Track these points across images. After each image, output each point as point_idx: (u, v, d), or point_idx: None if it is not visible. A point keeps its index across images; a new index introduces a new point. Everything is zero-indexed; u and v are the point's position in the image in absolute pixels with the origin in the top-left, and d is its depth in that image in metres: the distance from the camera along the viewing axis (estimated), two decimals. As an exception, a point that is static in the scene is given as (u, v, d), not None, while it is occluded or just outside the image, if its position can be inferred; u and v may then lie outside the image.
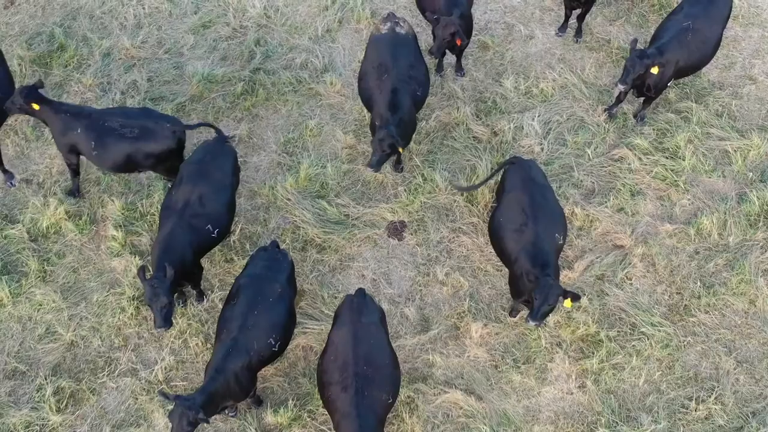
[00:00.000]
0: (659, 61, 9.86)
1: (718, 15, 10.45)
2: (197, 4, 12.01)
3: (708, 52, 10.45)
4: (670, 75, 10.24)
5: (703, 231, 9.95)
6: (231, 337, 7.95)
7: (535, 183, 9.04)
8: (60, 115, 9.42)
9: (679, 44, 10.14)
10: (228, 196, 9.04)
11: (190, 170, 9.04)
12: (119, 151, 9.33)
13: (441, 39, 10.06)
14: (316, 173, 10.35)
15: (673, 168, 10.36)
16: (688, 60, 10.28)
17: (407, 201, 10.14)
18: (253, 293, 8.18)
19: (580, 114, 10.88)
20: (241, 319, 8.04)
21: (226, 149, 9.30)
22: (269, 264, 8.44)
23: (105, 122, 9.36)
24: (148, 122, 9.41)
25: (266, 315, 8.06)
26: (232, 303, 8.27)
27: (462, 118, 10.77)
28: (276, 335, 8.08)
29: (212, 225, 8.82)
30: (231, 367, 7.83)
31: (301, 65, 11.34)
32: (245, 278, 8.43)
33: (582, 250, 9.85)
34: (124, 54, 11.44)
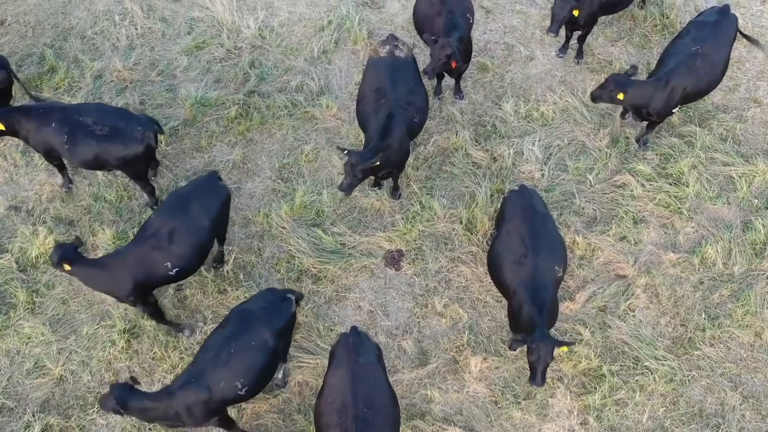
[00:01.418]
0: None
1: (725, 38, 10.20)
2: (191, 24, 11.79)
3: (717, 77, 10.19)
4: (676, 101, 9.98)
5: (707, 260, 9.72)
6: (198, 367, 7.74)
7: (535, 212, 8.81)
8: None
9: (687, 70, 9.85)
10: (201, 238, 8.63)
11: (173, 201, 8.76)
12: (89, 148, 9.19)
13: (436, 59, 9.83)
14: (312, 200, 10.12)
15: (676, 195, 10.14)
16: (697, 86, 10.00)
17: (405, 229, 9.91)
18: (239, 330, 7.92)
19: (581, 138, 10.66)
20: (215, 351, 7.79)
21: (219, 188, 8.99)
22: (269, 307, 8.12)
23: (78, 118, 9.23)
24: (120, 122, 9.23)
25: (243, 357, 7.76)
26: (219, 330, 8.05)
27: (461, 143, 10.54)
28: (245, 381, 7.78)
29: (172, 263, 8.52)
30: (184, 396, 7.60)
31: (297, 88, 11.11)
32: (239, 310, 8.19)
33: (584, 280, 9.62)
34: (116, 76, 11.22)
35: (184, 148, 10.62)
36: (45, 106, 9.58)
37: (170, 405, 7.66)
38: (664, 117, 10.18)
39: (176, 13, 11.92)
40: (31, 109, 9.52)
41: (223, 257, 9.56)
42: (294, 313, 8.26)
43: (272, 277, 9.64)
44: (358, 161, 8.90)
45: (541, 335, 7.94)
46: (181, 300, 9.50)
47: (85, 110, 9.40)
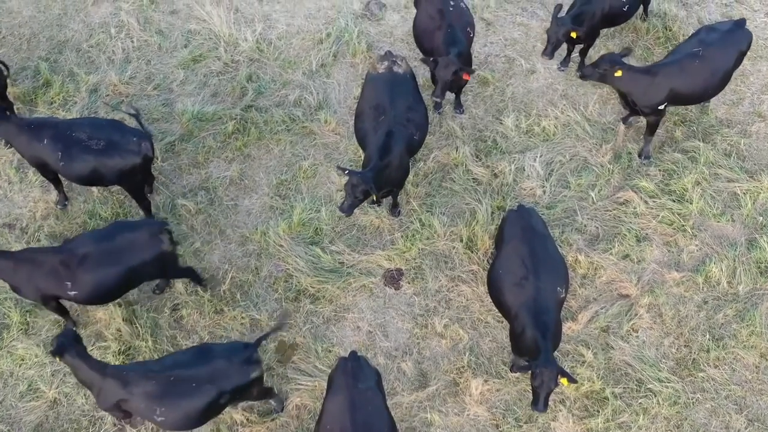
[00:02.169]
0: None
1: (733, 47, 10.05)
2: (187, 37, 11.63)
3: (716, 84, 10.06)
4: (662, 97, 9.86)
5: (711, 279, 9.58)
6: (141, 368, 7.79)
7: (535, 232, 8.67)
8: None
9: (680, 69, 9.80)
10: (106, 278, 8.41)
11: (112, 229, 8.67)
12: (85, 163, 9.09)
13: (444, 81, 9.67)
14: (310, 218, 9.98)
15: (680, 212, 9.99)
16: (689, 87, 9.89)
17: (404, 248, 9.76)
18: (191, 364, 7.74)
19: (583, 154, 10.51)
20: (163, 367, 7.73)
21: (153, 242, 8.57)
22: (231, 361, 7.77)
23: (72, 133, 9.16)
24: (115, 135, 9.15)
25: (175, 389, 7.61)
26: (182, 352, 8.04)
27: (461, 159, 10.39)
28: (165, 411, 7.62)
29: (72, 285, 8.41)
30: (109, 382, 7.68)
31: (295, 102, 10.96)
32: (206, 348, 7.97)
33: (586, 299, 9.47)
34: (111, 90, 11.07)
35: (181, 164, 10.47)
36: (38, 121, 9.44)
37: (95, 378, 7.72)
38: (651, 113, 10.02)
39: (173, 25, 11.77)
40: (23, 122, 9.39)
41: (201, 281, 9.38)
42: (255, 379, 7.91)
43: (270, 296, 9.50)
44: (359, 182, 8.75)
45: (545, 360, 7.80)
46: (177, 320, 9.36)
47: (78, 125, 9.28)
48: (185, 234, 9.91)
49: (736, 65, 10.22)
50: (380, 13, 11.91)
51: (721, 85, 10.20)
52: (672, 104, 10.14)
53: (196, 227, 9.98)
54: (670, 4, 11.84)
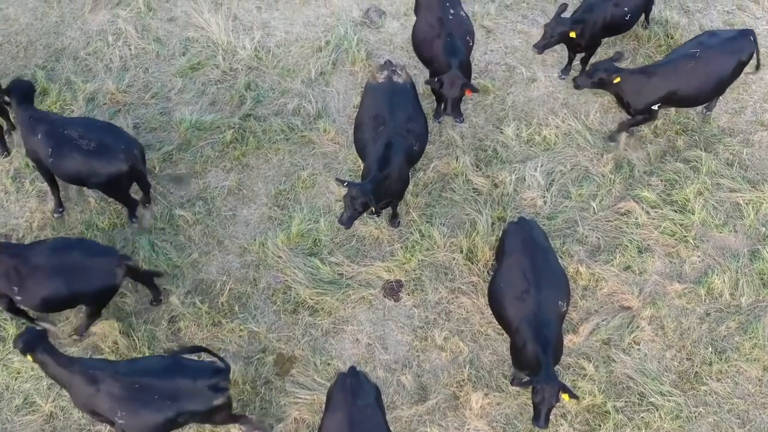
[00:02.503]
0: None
1: (734, 54, 10.00)
2: (186, 45, 11.54)
3: (710, 88, 10.04)
4: (656, 98, 9.89)
5: (713, 291, 9.50)
6: (112, 368, 7.79)
7: (536, 245, 8.59)
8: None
9: (674, 69, 9.84)
10: (49, 291, 8.39)
11: (71, 244, 8.65)
12: (73, 162, 9.14)
13: (453, 99, 9.62)
14: (309, 228, 9.89)
15: (681, 222, 9.90)
16: (682, 88, 9.90)
17: (404, 259, 9.67)
18: (159, 376, 7.72)
19: (584, 164, 10.42)
20: (133, 371, 7.74)
21: (107, 273, 8.52)
22: (196, 384, 7.70)
23: (65, 131, 9.19)
24: (107, 138, 9.18)
25: (138, 398, 7.62)
26: (157, 358, 8.09)
27: (461, 169, 10.31)
28: (125, 415, 7.62)
29: (18, 291, 8.46)
30: (77, 377, 7.74)
31: (294, 111, 10.87)
32: (179, 362, 7.94)
33: (587, 312, 9.39)
34: (109, 99, 10.98)
35: (179, 173, 10.38)
36: (37, 115, 9.50)
37: (64, 374, 7.77)
38: (644, 113, 10.04)
39: (171, 33, 11.68)
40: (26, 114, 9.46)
41: (159, 295, 9.31)
42: (218, 407, 7.78)
43: (268, 309, 9.42)
44: (358, 194, 8.67)
45: (546, 376, 7.72)
46: (174, 332, 9.27)
47: (73, 124, 9.32)
48: (183, 245, 9.83)
49: (735, 74, 10.14)
50: (380, 20, 11.82)
51: (716, 91, 10.17)
52: (664, 105, 10.12)
53: (194, 238, 9.90)
54: (672, 11, 11.76)
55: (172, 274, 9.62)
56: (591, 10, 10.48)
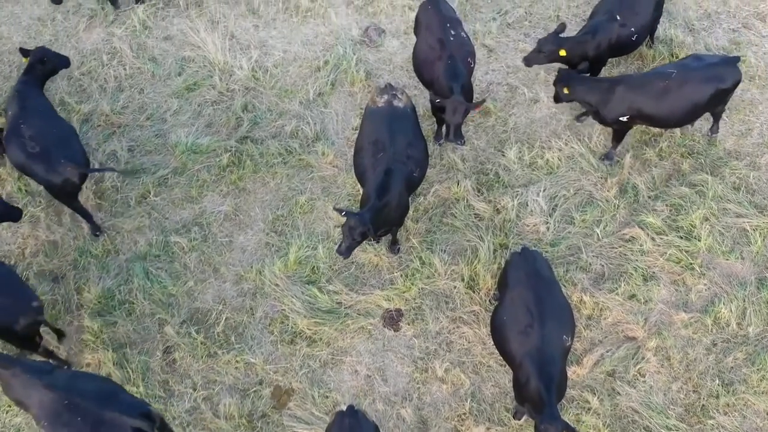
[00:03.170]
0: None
1: (714, 81, 9.72)
2: (182, 64, 11.34)
3: (682, 111, 9.79)
4: (620, 111, 9.78)
5: (720, 320, 9.29)
6: (50, 377, 7.72)
7: (540, 277, 8.39)
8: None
9: (641, 86, 9.74)
10: None
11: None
12: (17, 158, 9.32)
13: (456, 124, 9.43)
14: (307, 255, 9.68)
15: (687, 249, 9.69)
16: (652, 108, 9.73)
17: (404, 287, 9.47)
18: (84, 403, 7.53)
19: (588, 188, 10.21)
20: (67, 386, 7.61)
21: (18, 309, 8.30)
22: (120, 426, 7.45)
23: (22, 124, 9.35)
24: (54, 145, 9.24)
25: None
26: (93, 380, 7.93)
27: (462, 193, 10.10)
28: (47, 424, 7.56)
29: None
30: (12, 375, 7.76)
31: (292, 133, 10.66)
32: (115, 390, 7.80)
33: (591, 342, 9.18)
34: (103, 120, 10.78)
35: (174, 199, 10.19)
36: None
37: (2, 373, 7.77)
38: (614, 124, 9.96)
39: (167, 52, 11.47)
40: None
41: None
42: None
43: (265, 339, 9.22)
44: (357, 224, 8.47)
45: (550, 415, 7.51)
46: (169, 363, 9.08)
47: (32, 121, 9.42)
48: (178, 272, 9.64)
49: (715, 102, 9.88)
50: (379, 39, 11.61)
51: (689, 116, 9.92)
52: (637, 121, 9.97)
53: (190, 265, 9.70)
54: (677, 29, 11.54)
55: (167, 302, 9.43)
56: (595, 31, 10.28)
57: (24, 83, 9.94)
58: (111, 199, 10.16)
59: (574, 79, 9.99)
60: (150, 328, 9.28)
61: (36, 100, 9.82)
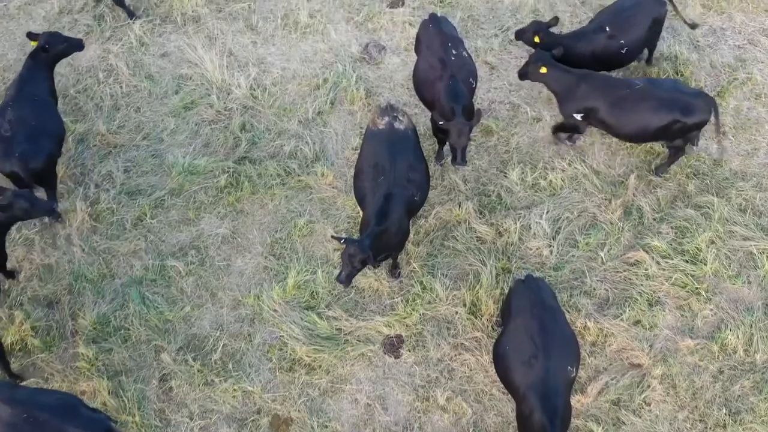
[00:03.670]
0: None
1: (674, 111, 9.51)
2: (179, 82, 11.16)
3: (633, 128, 9.69)
4: (577, 109, 9.82)
5: (727, 347, 9.11)
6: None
7: (544, 306, 8.22)
8: None
9: (603, 89, 9.72)
10: None
11: None
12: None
13: (462, 147, 9.29)
14: (306, 280, 9.51)
15: (693, 273, 9.52)
16: (606, 115, 9.70)
17: (405, 313, 9.30)
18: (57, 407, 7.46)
19: (591, 210, 10.04)
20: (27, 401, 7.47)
21: None
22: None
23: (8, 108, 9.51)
24: (22, 135, 9.25)
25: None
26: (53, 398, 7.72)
27: (464, 216, 9.93)
28: None
29: None
30: None
31: (290, 153, 10.49)
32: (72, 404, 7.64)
33: (596, 370, 9.01)
34: (99, 140, 10.61)
35: (171, 221, 10.02)
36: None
37: None
38: (567, 119, 10.02)
39: (163, 69, 11.30)
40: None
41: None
42: None
43: (263, 366, 9.05)
44: (357, 251, 8.30)
45: None
46: (165, 392, 8.90)
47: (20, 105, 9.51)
48: (174, 297, 9.47)
49: (669, 133, 9.70)
50: (379, 56, 11.44)
51: (639, 135, 9.79)
52: (591, 123, 9.94)
53: (186, 290, 9.53)
54: (682, 46, 11.38)
55: (163, 329, 9.26)
56: (578, 38, 10.26)
57: (29, 68, 9.97)
58: (107, 221, 9.97)
59: (551, 62, 9.92)
60: (146, 355, 9.11)
61: (36, 87, 9.86)
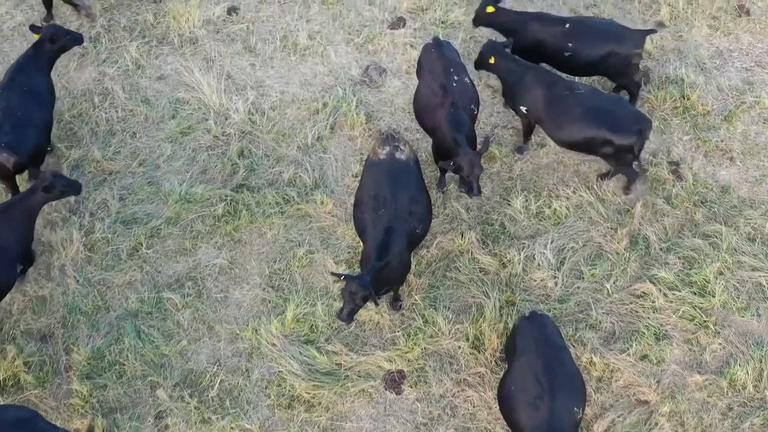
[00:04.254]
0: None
1: (603, 127, 9.45)
2: (175, 106, 10.95)
3: (565, 134, 9.72)
4: (522, 102, 9.90)
5: (736, 383, 8.90)
6: None
7: (549, 345, 8.03)
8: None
9: (545, 85, 9.74)
10: None
11: None
12: None
13: (475, 177, 9.12)
14: (305, 313, 9.29)
15: (701, 306, 9.31)
16: (543, 113, 9.76)
17: (406, 347, 9.08)
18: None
19: (597, 239, 9.83)
20: None
21: None
22: None
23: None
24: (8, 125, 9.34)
25: None
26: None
27: (467, 246, 9.72)
28: None
29: None
30: None
31: (289, 181, 10.27)
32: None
33: (602, 406, 8.79)
34: (94, 167, 10.39)
35: (167, 251, 9.80)
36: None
37: None
38: (516, 111, 10.15)
39: (160, 93, 11.09)
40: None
41: None
42: None
43: (262, 403, 8.84)
44: (358, 288, 8.10)
45: None
46: (161, 430, 8.69)
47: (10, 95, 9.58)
48: (171, 331, 9.26)
49: (599, 150, 9.66)
50: (380, 79, 11.22)
51: (570, 142, 9.77)
52: (534, 120, 9.97)
53: (183, 323, 9.31)
54: (688, 69, 11.16)
55: (159, 363, 9.05)
56: (539, 18, 10.49)
57: (27, 57, 10.07)
58: (102, 251, 9.76)
59: (502, 52, 9.97)
60: (141, 392, 8.90)
61: (30, 78, 9.89)
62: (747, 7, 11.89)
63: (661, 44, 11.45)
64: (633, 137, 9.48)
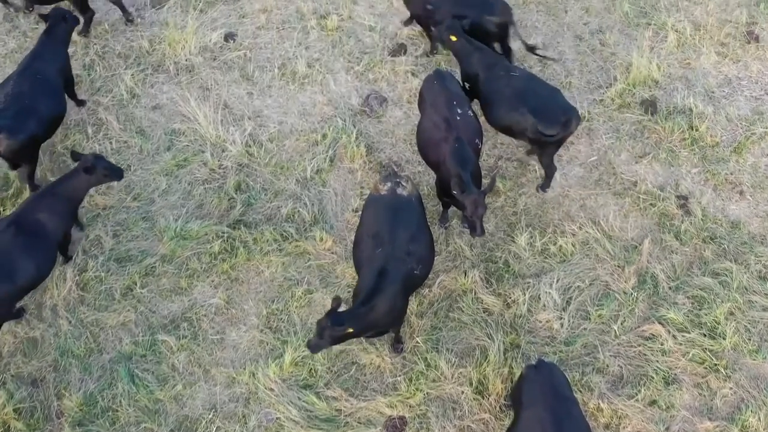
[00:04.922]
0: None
1: (535, 115, 9.38)
2: (171, 138, 10.68)
3: (496, 114, 9.81)
4: (468, 78, 10.07)
5: (748, 429, 8.63)
6: None
7: (557, 396, 7.76)
8: None
9: (487, 66, 9.89)
10: None
11: None
12: None
13: (479, 217, 8.89)
14: (304, 356, 9.02)
15: (711, 348, 9.05)
16: (483, 89, 9.88)
17: (408, 393, 8.82)
18: None
19: (604, 278, 9.56)
20: None
21: None
22: None
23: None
24: (12, 110, 9.42)
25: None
26: None
27: (470, 285, 9.45)
28: None
29: None
30: None
31: (287, 216, 10.01)
32: None
33: (610, 455, 8.55)
34: (87, 202, 10.09)
35: (162, 290, 9.53)
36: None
37: None
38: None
39: (155, 123, 10.82)
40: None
41: None
42: None
43: (259, 451, 8.58)
44: (327, 324, 7.85)
45: None
46: (156, 479, 8.43)
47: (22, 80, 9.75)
48: (165, 375, 8.98)
49: (528, 137, 9.62)
50: (381, 108, 10.96)
51: (494, 121, 9.85)
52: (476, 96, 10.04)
53: (178, 367, 9.04)
54: (696, 98, 10.90)
55: (153, 410, 8.78)
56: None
57: (42, 43, 10.25)
58: (95, 290, 9.49)
59: (460, 32, 10.10)
60: (135, 439, 8.64)
61: (43, 64, 10.01)
62: (756, 33, 11.64)
63: (668, 72, 11.19)
64: (558, 127, 9.32)
